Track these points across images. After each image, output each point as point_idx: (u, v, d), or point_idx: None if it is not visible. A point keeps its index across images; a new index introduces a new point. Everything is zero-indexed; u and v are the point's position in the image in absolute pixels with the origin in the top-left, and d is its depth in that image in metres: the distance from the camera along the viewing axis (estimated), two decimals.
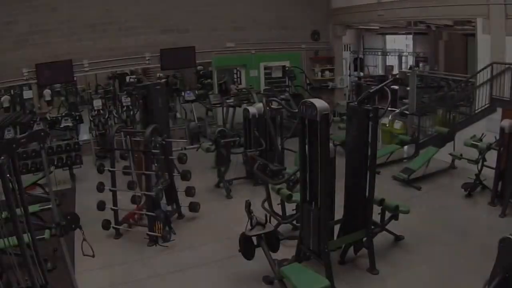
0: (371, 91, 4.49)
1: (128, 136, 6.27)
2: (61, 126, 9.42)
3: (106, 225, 6.02)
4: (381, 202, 5.05)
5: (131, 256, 5.49)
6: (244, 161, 7.30)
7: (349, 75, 14.05)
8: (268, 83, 11.45)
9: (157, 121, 7.63)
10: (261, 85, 11.28)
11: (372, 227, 4.80)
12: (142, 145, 5.92)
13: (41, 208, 6.27)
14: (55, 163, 8.16)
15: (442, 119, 8.42)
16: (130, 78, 10.32)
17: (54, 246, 5.74)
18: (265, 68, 11.42)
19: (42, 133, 3.91)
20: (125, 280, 4.97)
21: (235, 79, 11.58)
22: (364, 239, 4.75)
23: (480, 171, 6.33)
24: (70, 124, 9.41)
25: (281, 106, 6.47)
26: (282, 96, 10.30)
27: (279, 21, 11.00)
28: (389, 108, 8.92)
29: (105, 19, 9.55)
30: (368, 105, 4.39)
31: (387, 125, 8.99)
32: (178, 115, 11.57)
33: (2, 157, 3.45)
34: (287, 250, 5.02)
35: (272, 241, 4.68)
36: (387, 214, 5.14)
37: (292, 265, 4.28)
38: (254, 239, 4.62)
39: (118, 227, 6.05)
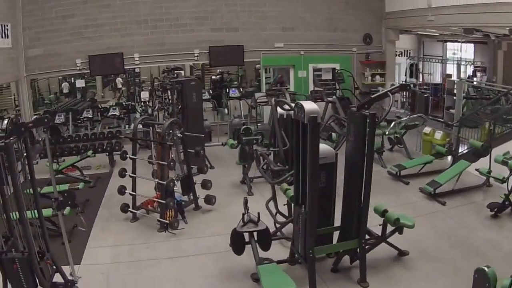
0: (372, 96, 4.42)
1: (151, 128, 6.63)
2: (108, 115, 10.12)
3: (123, 208, 6.46)
4: (383, 213, 4.92)
5: (139, 239, 5.88)
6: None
7: (405, 82, 13.59)
8: (319, 84, 11.42)
9: (190, 115, 8.04)
10: (309, 86, 11.27)
11: (368, 237, 4.70)
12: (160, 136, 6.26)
13: (70, 188, 6.89)
14: (96, 148, 8.79)
15: (487, 132, 7.95)
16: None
17: (75, 223, 6.24)
18: (314, 70, 11.38)
19: (46, 120, 4.33)
20: (126, 259, 5.35)
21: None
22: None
23: (510, 191, 5.91)
24: (117, 113, 10.07)
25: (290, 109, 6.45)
26: (329, 99, 10.28)
27: (330, 22, 10.93)
28: (420, 116, 8.65)
29: (157, 16, 10.08)
30: (367, 111, 4.30)
31: (428, 135, 8.64)
32: (225, 111, 11.94)
33: (12, 138, 3.94)
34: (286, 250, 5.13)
35: (263, 240, 4.76)
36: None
37: (269, 265, 4.32)
38: (246, 235, 4.74)
39: (135, 211, 6.45)
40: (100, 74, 10.72)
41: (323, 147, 4.59)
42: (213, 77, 13.72)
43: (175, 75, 8.46)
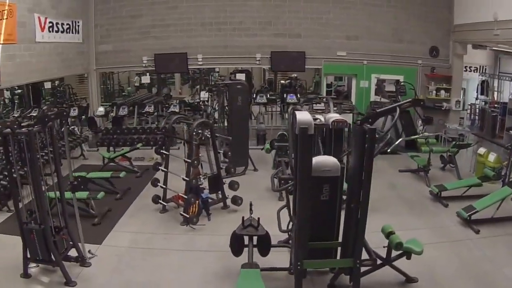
0: (378, 110, 4.37)
1: (185, 126, 7.10)
2: (168, 111, 10.86)
3: (155, 199, 6.98)
4: (388, 234, 4.82)
5: (161, 229, 6.35)
6: None
7: (476, 98, 12.82)
8: (386, 96, 11.17)
9: (235, 117, 8.41)
10: (371, 97, 11.12)
11: (367, 258, 4.56)
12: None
13: (112, 175, 7.59)
14: (148, 141, 9.53)
15: None
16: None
17: (109, 207, 6.89)
18: (377, 81, 11.19)
19: (65, 113, 4.93)
20: (142, 246, 5.83)
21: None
22: None
23: None
24: (176, 110, 10.76)
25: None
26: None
27: (395, 33, 10.66)
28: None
29: (221, 19, 10.60)
30: (368, 125, 4.19)
31: (482, 156, 8.14)
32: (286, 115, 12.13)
33: (37, 127, 4.60)
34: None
35: (262, 245, 4.93)
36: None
37: (252, 270, 4.44)
38: (246, 238, 4.95)
39: (164, 203, 6.92)
40: (165, 72, 11.54)
41: (328, 159, 4.56)
42: (282, 81, 14.06)
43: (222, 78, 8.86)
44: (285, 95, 11.14)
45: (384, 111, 4.35)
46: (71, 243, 5.20)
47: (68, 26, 9.56)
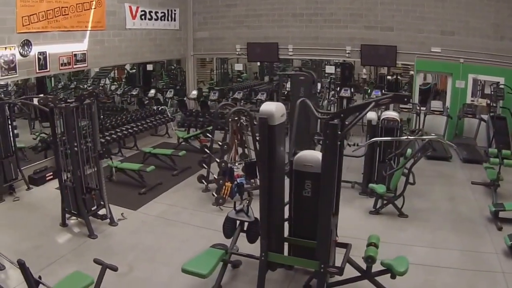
0: (351, 105, 4.39)
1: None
2: (255, 99, 11.74)
3: (199, 178, 7.87)
4: (368, 245, 4.60)
5: (192, 205, 7.18)
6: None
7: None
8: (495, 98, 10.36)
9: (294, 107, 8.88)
10: (467, 99, 10.47)
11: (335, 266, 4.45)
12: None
13: (172, 153, 8.75)
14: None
15: None
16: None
17: (161, 180, 8.04)
18: (474, 81, 10.45)
19: (94, 93, 6.05)
20: (168, 217, 6.74)
21: None
22: None
23: None
24: (262, 98, 11.58)
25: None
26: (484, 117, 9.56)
27: (496, 29, 9.67)
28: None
29: (312, 10, 10.95)
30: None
31: None
32: None
33: (73, 104, 5.83)
34: None
35: (250, 232, 5.43)
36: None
37: (216, 250, 4.89)
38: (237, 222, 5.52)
39: (206, 183, 7.80)
40: (256, 60, 12.39)
41: (310, 154, 4.66)
42: (389, 77, 13.79)
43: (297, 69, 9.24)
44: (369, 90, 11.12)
45: (359, 106, 4.33)
46: (102, 203, 6.44)
47: (163, 14, 11.03)
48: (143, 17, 10.40)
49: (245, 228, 5.31)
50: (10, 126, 7.35)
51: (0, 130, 7.12)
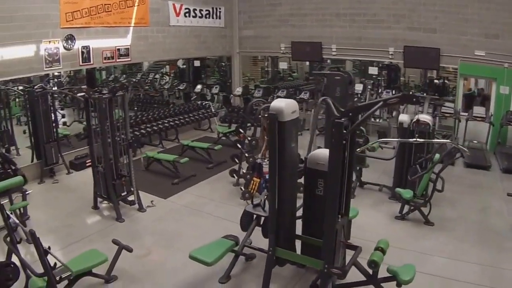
0: (359, 104, 4.29)
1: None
2: (298, 97, 11.80)
3: (231, 172, 8.05)
4: (375, 249, 4.47)
5: (220, 198, 7.35)
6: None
7: None
8: None
9: None
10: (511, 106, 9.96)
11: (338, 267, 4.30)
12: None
13: (209, 147, 8.99)
14: None
15: None
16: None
17: (195, 172, 8.30)
18: None
19: (124, 86, 6.35)
20: (192, 207, 6.95)
21: None
22: None
23: None
24: (305, 97, 11.63)
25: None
26: None
27: None
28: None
29: (355, 10, 10.81)
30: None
31: None
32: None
33: (108, 95, 6.17)
34: None
35: (265, 227, 5.50)
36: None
37: (227, 241, 4.99)
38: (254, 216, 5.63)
39: (237, 178, 7.97)
40: (300, 59, 12.42)
41: (324, 152, 4.59)
42: (436, 81, 13.34)
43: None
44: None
45: (367, 105, 4.26)
46: (132, 189, 6.76)
47: (207, 12, 11.32)
48: (187, 14, 10.74)
49: (261, 223, 5.37)
50: (52, 114, 7.87)
51: (43, 117, 7.65)
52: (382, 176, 7.54)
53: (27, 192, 6.06)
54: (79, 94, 6.90)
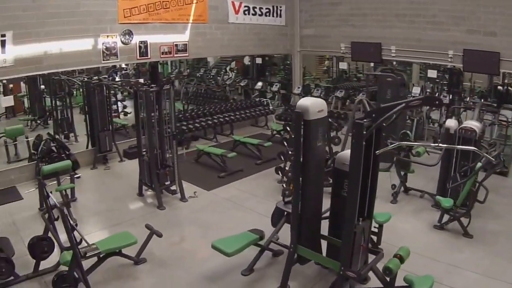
0: (382, 105, 4.15)
1: None
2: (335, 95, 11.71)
3: (276, 170, 8.09)
4: (394, 256, 4.30)
5: (263, 194, 7.38)
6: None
7: None
8: None
9: None
10: None
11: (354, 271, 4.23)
12: None
13: (259, 143, 9.13)
14: None
15: None
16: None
17: (242, 168, 8.45)
18: None
19: (168, 84, 6.59)
20: (235, 200, 7.09)
21: None
22: None
23: None
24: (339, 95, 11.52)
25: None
26: None
27: None
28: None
29: (414, 11, 10.33)
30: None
31: None
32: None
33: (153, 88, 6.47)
34: None
35: None
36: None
37: (252, 234, 5.11)
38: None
39: (282, 175, 8.00)
40: (359, 60, 12.12)
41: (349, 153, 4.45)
42: (499, 87, 12.44)
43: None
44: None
45: (391, 106, 4.13)
46: (175, 180, 7.04)
47: (268, 10, 11.40)
48: (246, 12, 10.90)
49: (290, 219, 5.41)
50: (107, 104, 8.38)
51: (98, 107, 8.18)
52: (430, 183, 7.21)
53: (76, 176, 6.50)
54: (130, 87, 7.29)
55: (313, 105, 4.41)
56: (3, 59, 7.02)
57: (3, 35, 6.96)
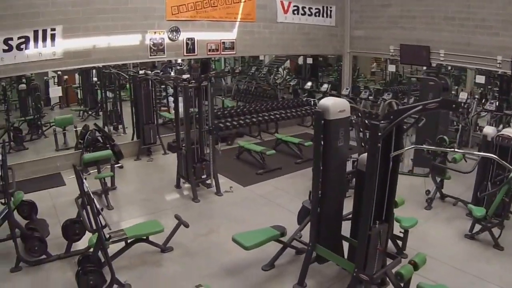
0: (401, 107, 4.11)
1: None
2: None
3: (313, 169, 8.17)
4: (409, 262, 4.23)
5: (297, 193, 7.27)
6: None
7: None
8: None
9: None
10: None
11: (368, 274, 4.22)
12: None
13: (299, 143, 9.17)
14: None
15: None
16: None
17: (282, 166, 8.55)
18: None
19: (215, 75, 6.77)
20: (269, 197, 7.17)
21: None
22: None
23: None
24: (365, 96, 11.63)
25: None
26: None
27: None
28: None
29: (463, 14, 9.87)
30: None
31: None
32: None
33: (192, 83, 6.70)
34: None
35: None
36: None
37: (273, 230, 5.12)
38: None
39: None
40: (408, 63, 11.74)
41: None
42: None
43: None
44: None
45: (409, 108, 4.06)
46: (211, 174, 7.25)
47: (317, 10, 11.34)
48: (295, 12, 10.91)
49: None
50: (153, 98, 8.73)
51: (144, 100, 8.55)
52: (467, 190, 6.94)
53: (118, 166, 6.85)
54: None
55: (334, 105, 4.43)
56: (52, 52, 7.50)
57: (53, 29, 7.43)
